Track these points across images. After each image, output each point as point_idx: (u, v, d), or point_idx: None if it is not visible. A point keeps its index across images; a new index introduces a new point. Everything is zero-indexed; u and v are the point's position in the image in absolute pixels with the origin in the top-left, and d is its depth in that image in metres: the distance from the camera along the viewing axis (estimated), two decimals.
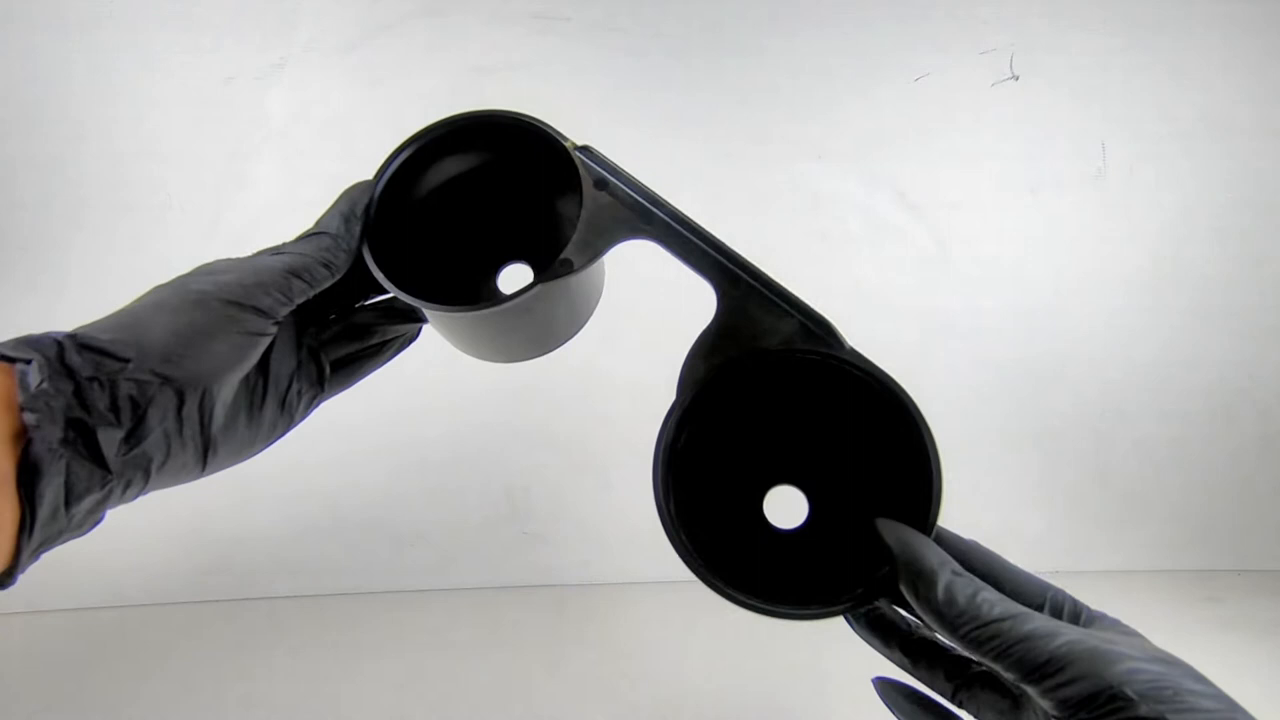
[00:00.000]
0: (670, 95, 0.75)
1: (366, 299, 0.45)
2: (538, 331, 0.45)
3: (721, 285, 0.40)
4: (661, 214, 0.41)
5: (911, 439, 0.36)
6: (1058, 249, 0.82)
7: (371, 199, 0.41)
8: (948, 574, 0.32)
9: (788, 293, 0.39)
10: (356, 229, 0.40)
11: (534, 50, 0.73)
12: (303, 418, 0.42)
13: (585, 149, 0.41)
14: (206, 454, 0.36)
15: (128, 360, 0.33)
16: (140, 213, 0.72)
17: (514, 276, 0.48)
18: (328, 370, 0.43)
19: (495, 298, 0.40)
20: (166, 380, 0.34)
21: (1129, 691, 0.26)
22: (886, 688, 0.37)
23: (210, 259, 0.40)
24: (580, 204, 0.40)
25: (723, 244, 0.41)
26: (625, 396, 0.76)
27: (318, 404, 0.43)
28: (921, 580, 0.32)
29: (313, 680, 0.67)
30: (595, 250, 0.40)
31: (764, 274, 0.40)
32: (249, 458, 0.40)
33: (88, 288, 0.72)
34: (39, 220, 0.72)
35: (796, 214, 0.78)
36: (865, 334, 0.44)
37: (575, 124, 0.75)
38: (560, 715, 0.63)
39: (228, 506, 0.76)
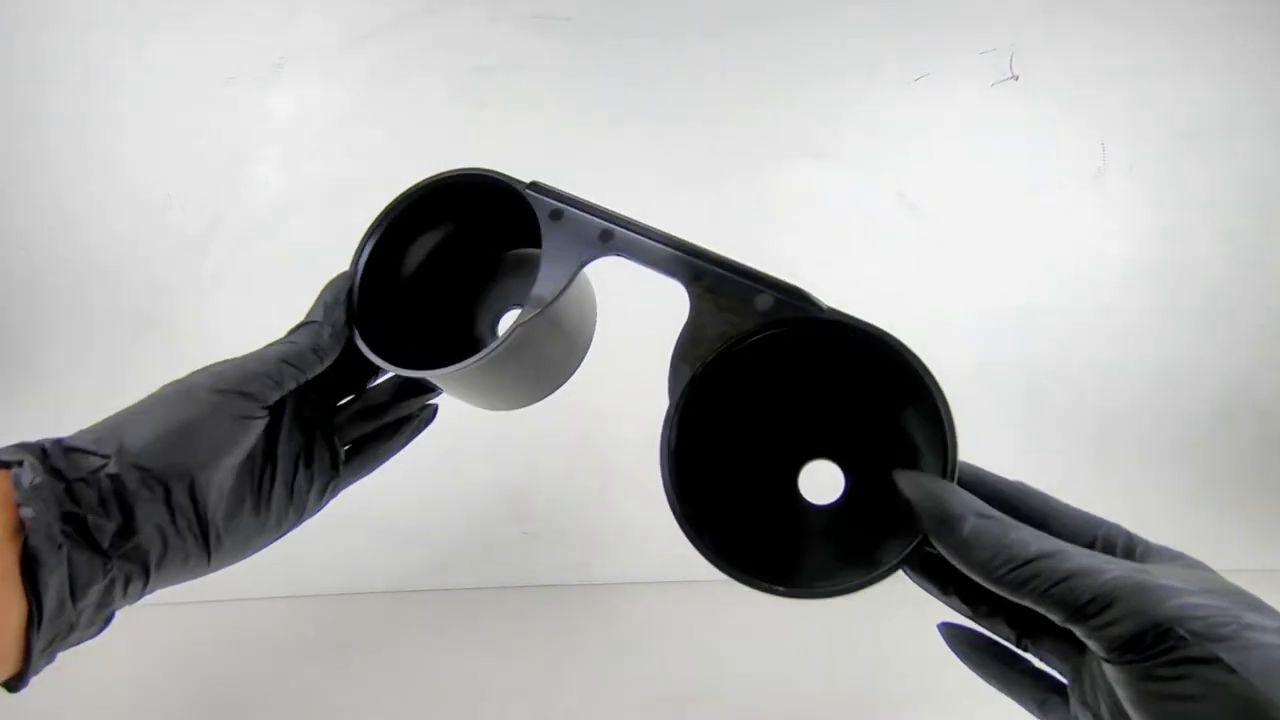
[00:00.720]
0: (670, 95, 0.75)
1: (374, 379, 0.46)
2: (538, 370, 0.46)
3: (687, 281, 0.39)
4: (614, 228, 0.41)
5: (914, 385, 0.34)
6: (1057, 249, 0.82)
7: (353, 285, 0.43)
8: (972, 517, 0.29)
9: (753, 270, 0.38)
10: (341, 313, 0.42)
11: (534, 50, 0.73)
12: (318, 506, 0.44)
13: (534, 185, 0.42)
14: (209, 545, 0.37)
15: (107, 457, 0.34)
16: (140, 212, 0.72)
17: (498, 321, 0.49)
18: (341, 455, 0.44)
19: (478, 351, 0.41)
20: (146, 472, 0.34)
21: (1180, 630, 0.24)
22: (952, 633, 0.35)
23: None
24: (535, 236, 0.41)
25: (678, 239, 0.40)
26: (625, 396, 0.76)
27: (335, 492, 0.44)
28: (945, 527, 0.29)
29: (309, 680, 0.67)
30: (559, 279, 0.40)
31: (724, 257, 0.39)
32: (261, 548, 0.41)
33: (86, 289, 0.72)
34: (39, 220, 0.72)
35: (796, 214, 0.78)
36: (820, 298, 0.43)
37: (576, 124, 0.75)
38: (560, 715, 0.63)
39: None
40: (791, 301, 0.37)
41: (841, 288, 0.80)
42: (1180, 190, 0.81)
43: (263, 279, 0.72)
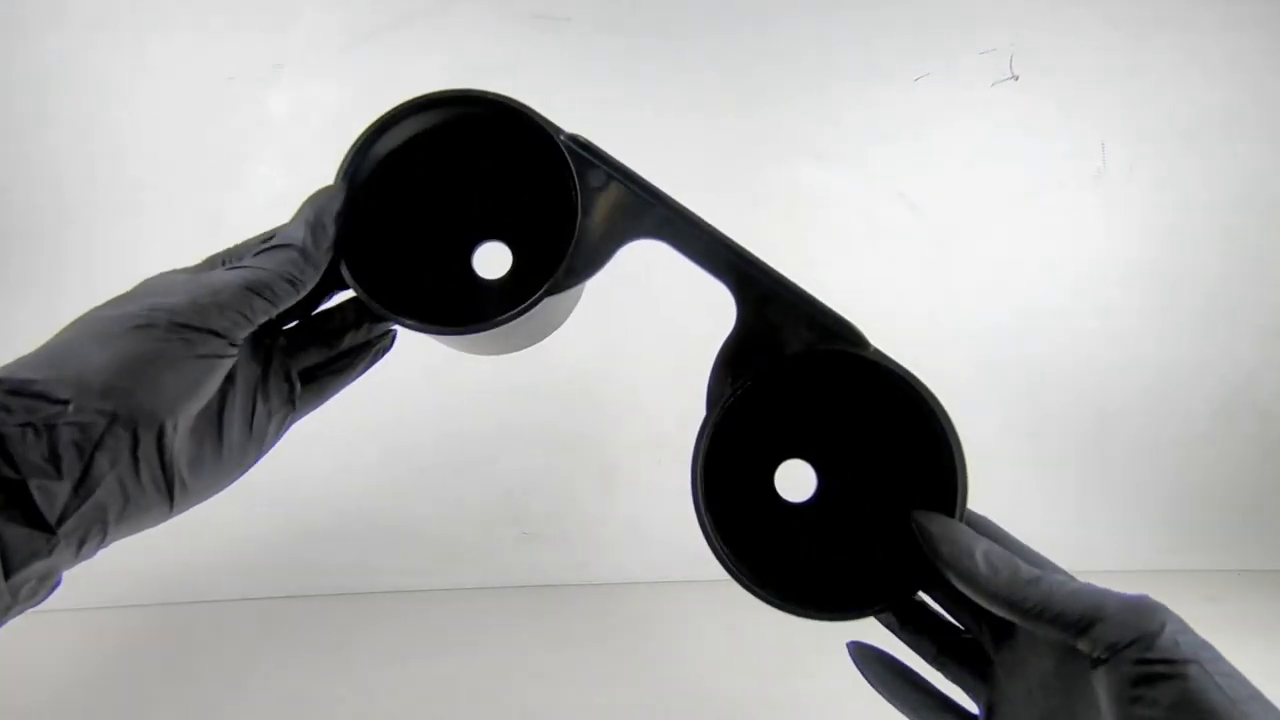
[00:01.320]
0: (670, 95, 0.75)
1: (326, 300, 0.41)
2: (535, 329, 0.43)
3: (739, 289, 0.39)
4: (673, 213, 0.39)
5: (936, 437, 0.36)
6: (1057, 249, 0.82)
7: (341, 207, 0.38)
8: (984, 545, 0.34)
9: (806, 294, 0.39)
10: (325, 241, 0.37)
11: (534, 50, 0.73)
12: (274, 440, 0.39)
13: (575, 140, 0.38)
14: (173, 493, 0.33)
15: (66, 401, 0.29)
16: (140, 213, 0.72)
17: (490, 257, 0.46)
18: (298, 386, 0.39)
19: (488, 308, 0.38)
20: (115, 418, 0.29)
21: (1170, 637, 0.29)
22: (863, 653, 0.38)
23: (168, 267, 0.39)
24: (572, 198, 0.38)
25: (739, 246, 0.39)
26: (624, 397, 0.76)
27: (289, 424, 0.40)
28: (963, 557, 0.33)
29: (309, 680, 0.67)
30: (602, 253, 0.38)
31: (783, 276, 0.39)
32: (220, 490, 0.36)
33: (87, 288, 0.72)
34: (39, 220, 0.72)
35: (796, 214, 0.78)
36: (865, 334, 0.44)
37: (575, 124, 0.75)
38: (560, 715, 0.63)
39: (221, 508, 0.76)
40: (838, 331, 0.38)
41: (842, 288, 0.80)
42: (1180, 190, 0.81)
43: None
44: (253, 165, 0.72)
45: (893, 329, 0.45)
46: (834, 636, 0.40)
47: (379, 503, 0.78)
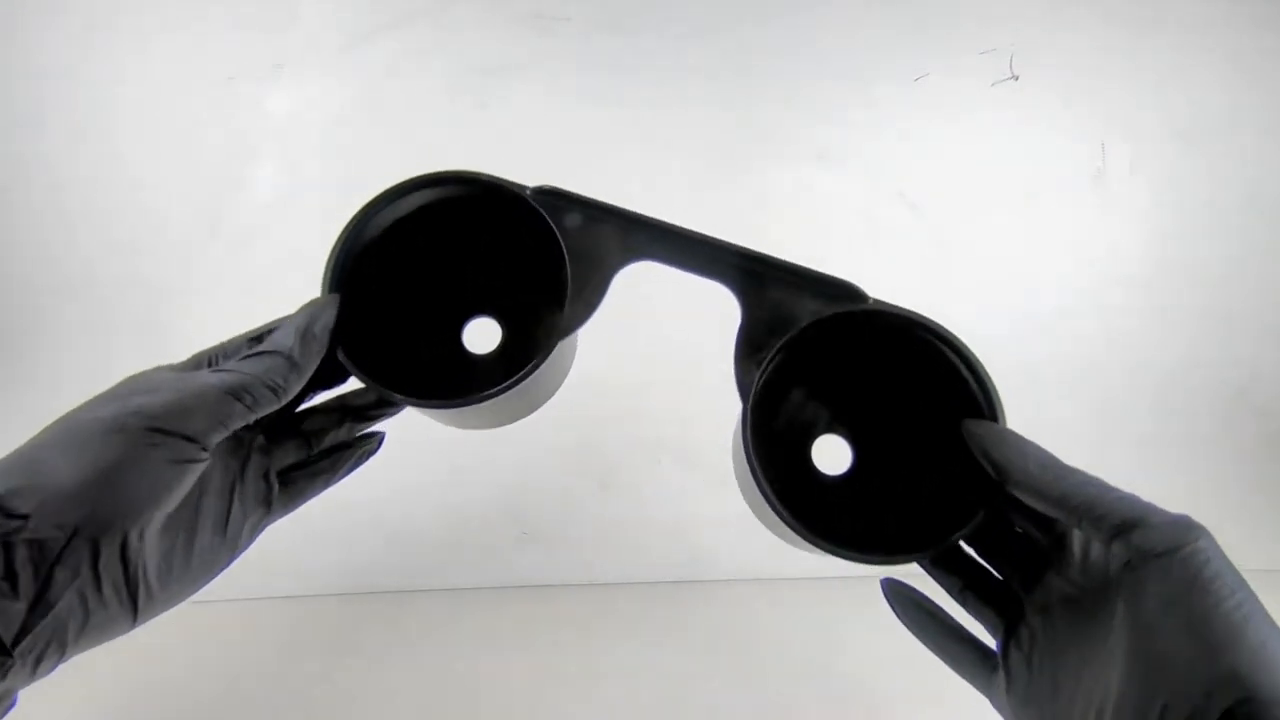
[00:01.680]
0: (670, 95, 0.75)
1: (308, 399, 0.40)
2: (529, 399, 0.43)
3: (735, 283, 0.39)
4: (654, 231, 0.39)
5: (955, 367, 0.37)
6: (1057, 249, 0.82)
7: (334, 320, 0.37)
8: (1032, 447, 0.35)
9: (799, 267, 0.39)
10: (314, 352, 0.36)
11: (534, 50, 0.73)
12: (248, 542, 0.37)
13: (544, 190, 0.39)
14: (137, 604, 0.31)
15: (25, 516, 0.28)
16: (140, 213, 0.72)
17: (480, 332, 0.45)
18: (275, 487, 0.38)
19: (486, 380, 0.37)
20: (76, 531, 0.29)
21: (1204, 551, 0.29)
22: (895, 589, 0.39)
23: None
24: (553, 249, 0.38)
25: (724, 242, 0.39)
26: (624, 397, 0.76)
27: (264, 526, 0.38)
28: (1015, 457, 0.34)
29: (308, 680, 0.67)
30: (593, 291, 0.38)
31: (771, 257, 0.39)
32: (190, 595, 0.35)
33: (86, 288, 0.72)
34: (39, 221, 0.72)
35: (796, 214, 0.78)
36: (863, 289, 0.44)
37: (576, 124, 0.75)
38: (559, 715, 0.63)
39: None
40: (840, 295, 0.39)
41: None
42: (1180, 190, 0.81)
43: (263, 279, 0.72)
44: (253, 165, 0.72)
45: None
46: (835, 639, 0.40)
47: (378, 503, 0.78)
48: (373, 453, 0.42)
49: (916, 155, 0.79)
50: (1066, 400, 0.81)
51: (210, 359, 0.38)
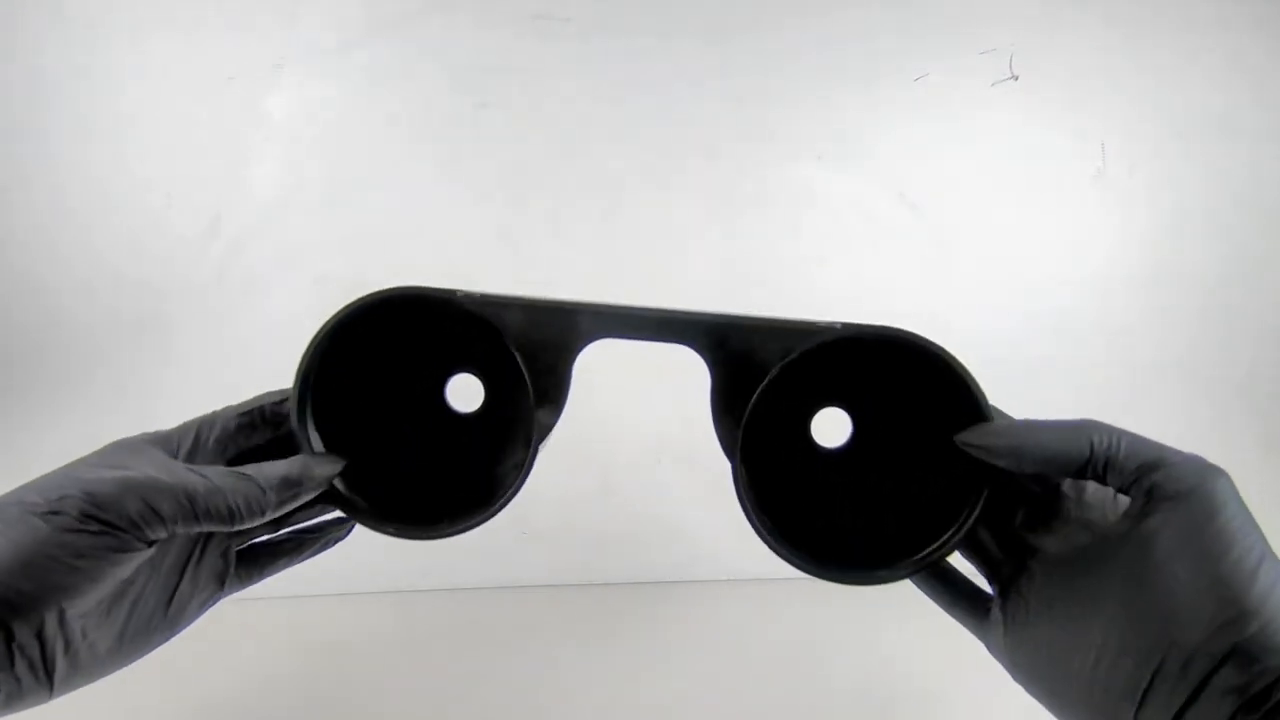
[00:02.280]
0: (670, 96, 0.75)
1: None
2: None
3: (695, 342, 0.38)
4: (596, 313, 0.38)
5: (939, 368, 0.37)
6: (1057, 249, 0.82)
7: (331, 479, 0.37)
8: (1023, 423, 0.36)
9: (758, 320, 0.38)
10: (289, 500, 0.35)
11: (534, 50, 0.73)
12: (191, 620, 0.37)
13: (472, 298, 0.38)
14: (53, 683, 0.30)
15: None
16: (140, 213, 0.72)
17: (463, 386, 0.45)
18: (232, 565, 0.38)
19: (468, 445, 0.38)
20: None
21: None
22: None
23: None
24: (501, 347, 0.38)
25: (671, 311, 0.39)
26: (624, 397, 0.76)
27: (214, 603, 0.38)
28: (1013, 439, 0.34)
29: (306, 680, 0.67)
30: (560, 377, 0.38)
31: (725, 314, 0.38)
32: (120, 668, 0.34)
33: (86, 289, 0.72)
34: (37, 220, 0.72)
35: (796, 214, 0.78)
36: (821, 318, 0.44)
37: (576, 125, 0.75)
38: (559, 715, 0.63)
39: None
40: (801, 334, 0.38)
41: (841, 288, 0.81)
42: (1180, 190, 0.81)
43: (263, 279, 0.72)
44: (253, 165, 0.72)
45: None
46: (834, 639, 0.40)
47: None
48: (341, 539, 0.42)
49: (916, 155, 0.79)
50: (1066, 400, 0.81)
51: (199, 433, 0.37)
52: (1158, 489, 0.29)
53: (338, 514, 0.40)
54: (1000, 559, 0.36)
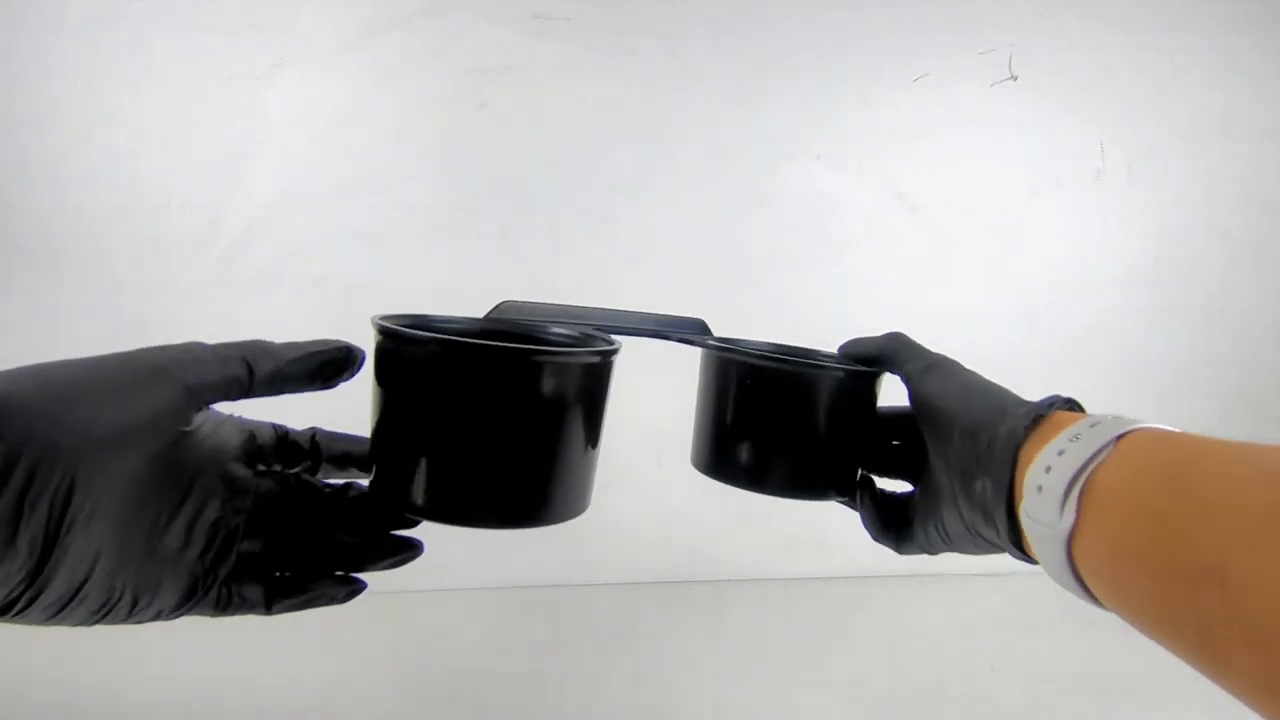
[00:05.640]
0: (669, 96, 0.75)
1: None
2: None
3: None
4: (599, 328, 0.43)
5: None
6: (1057, 249, 0.82)
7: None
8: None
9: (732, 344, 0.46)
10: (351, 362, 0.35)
11: (534, 50, 0.73)
12: (187, 607, 0.34)
13: (497, 311, 0.41)
14: (42, 570, 0.24)
15: None
16: (140, 213, 0.72)
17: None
18: (266, 586, 0.37)
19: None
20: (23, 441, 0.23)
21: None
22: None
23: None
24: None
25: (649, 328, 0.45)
26: (625, 397, 0.76)
27: (189, 611, 0.34)
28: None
29: (305, 680, 0.67)
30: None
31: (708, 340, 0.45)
32: (91, 618, 0.28)
33: (86, 289, 0.72)
34: (37, 220, 0.72)
35: (797, 214, 0.78)
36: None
37: (575, 124, 0.75)
38: (559, 715, 0.63)
39: None
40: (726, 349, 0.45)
41: (842, 288, 0.81)
42: (1179, 190, 0.81)
43: (263, 279, 0.72)
44: (253, 165, 0.72)
45: (892, 328, 0.45)
46: (836, 639, 0.40)
47: None
48: (338, 600, 0.41)
49: (916, 155, 0.79)
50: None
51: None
52: (915, 371, 0.40)
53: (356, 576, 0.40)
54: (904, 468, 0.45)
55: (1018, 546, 0.32)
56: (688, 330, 0.46)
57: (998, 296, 0.81)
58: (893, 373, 0.42)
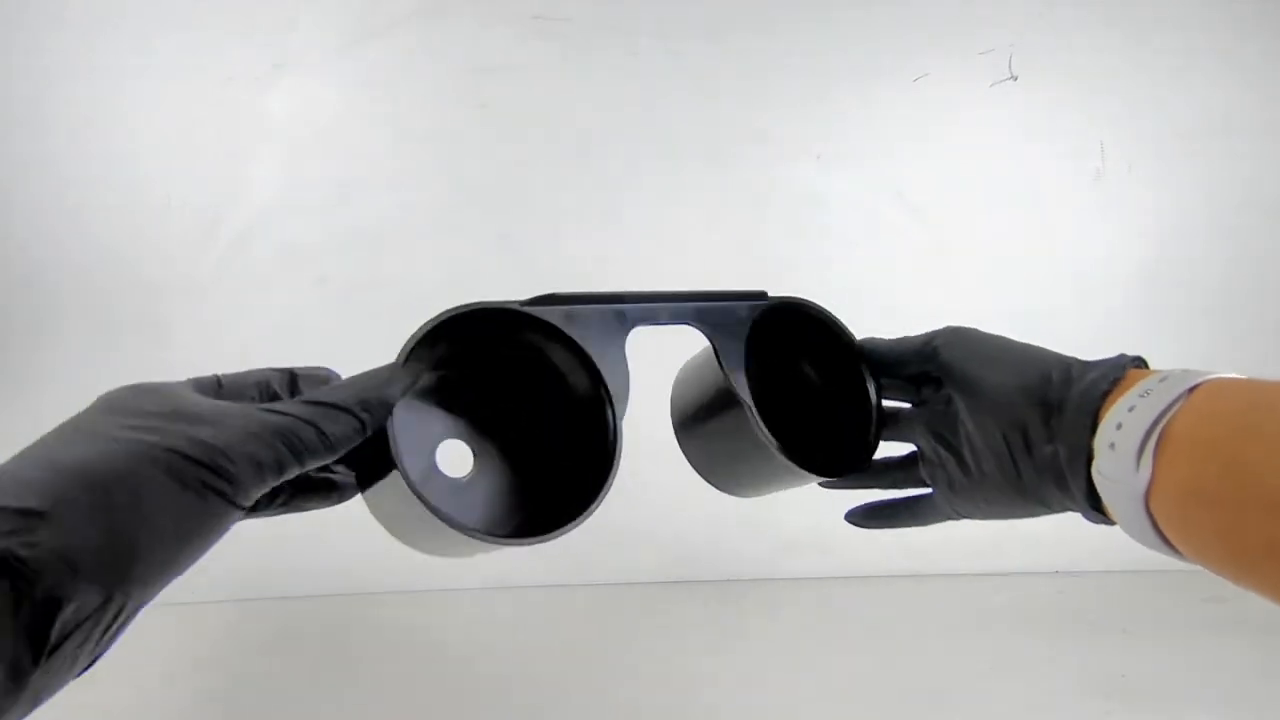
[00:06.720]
0: (669, 96, 0.75)
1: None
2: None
3: (696, 322, 0.45)
4: (624, 307, 0.43)
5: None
6: (1056, 248, 0.82)
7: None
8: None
9: (727, 292, 0.45)
10: (379, 418, 0.30)
11: (534, 51, 0.73)
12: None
13: (537, 300, 0.40)
14: (27, 682, 0.22)
15: (107, 593, 0.22)
16: (140, 213, 0.72)
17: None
18: None
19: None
20: (108, 597, 0.22)
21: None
22: (855, 515, 0.46)
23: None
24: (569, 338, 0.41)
25: (682, 294, 0.44)
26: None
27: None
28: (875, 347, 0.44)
29: (304, 680, 0.67)
30: (618, 369, 0.43)
31: (711, 291, 0.44)
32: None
33: (86, 289, 0.72)
34: (38, 220, 0.72)
35: (797, 214, 0.78)
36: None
37: (575, 124, 0.75)
38: (558, 715, 0.63)
39: None
40: (758, 302, 0.44)
41: (842, 287, 0.80)
42: (1179, 190, 0.81)
43: (263, 279, 0.72)
44: (253, 165, 0.72)
45: (892, 329, 0.45)
46: (835, 639, 0.40)
47: None
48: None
49: (916, 155, 0.79)
50: None
51: (219, 382, 0.32)
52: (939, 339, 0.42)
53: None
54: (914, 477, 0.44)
55: (1095, 508, 0.33)
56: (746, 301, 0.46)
57: (997, 296, 0.81)
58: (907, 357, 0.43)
